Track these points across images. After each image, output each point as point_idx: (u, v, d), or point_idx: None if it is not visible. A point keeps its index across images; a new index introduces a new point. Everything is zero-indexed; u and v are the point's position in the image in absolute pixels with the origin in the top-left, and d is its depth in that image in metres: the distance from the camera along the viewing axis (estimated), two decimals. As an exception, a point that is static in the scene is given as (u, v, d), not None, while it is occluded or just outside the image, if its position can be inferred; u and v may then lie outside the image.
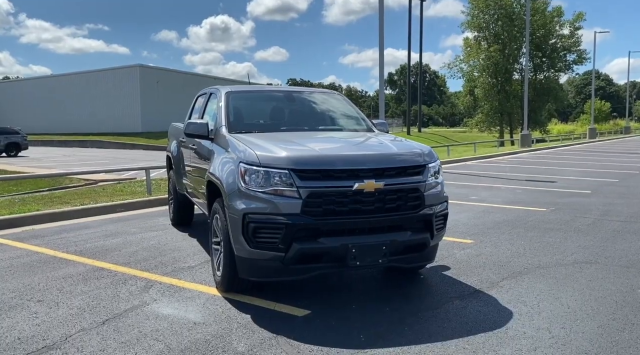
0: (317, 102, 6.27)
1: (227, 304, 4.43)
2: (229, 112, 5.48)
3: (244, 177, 4.22)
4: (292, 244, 4.06)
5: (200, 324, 4.01)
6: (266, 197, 4.10)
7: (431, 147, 4.87)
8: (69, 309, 4.33)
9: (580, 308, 4.32)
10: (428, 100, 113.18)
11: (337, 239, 4.13)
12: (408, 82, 59.07)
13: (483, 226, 7.70)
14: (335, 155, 4.35)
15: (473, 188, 12.42)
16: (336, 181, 4.14)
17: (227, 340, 3.69)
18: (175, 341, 3.68)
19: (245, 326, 3.96)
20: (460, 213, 8.83)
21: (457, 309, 4.32)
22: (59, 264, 5.73)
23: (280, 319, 4.12)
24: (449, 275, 5.24)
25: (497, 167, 18.70)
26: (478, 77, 51.21)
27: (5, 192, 12.61)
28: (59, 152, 34.02)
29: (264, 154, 4.27)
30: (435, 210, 4.51)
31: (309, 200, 4.07)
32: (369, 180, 4.17)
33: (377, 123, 5.99)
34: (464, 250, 6.24)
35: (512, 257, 5.92)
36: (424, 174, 4.47)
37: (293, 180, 4.08)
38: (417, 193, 4.40)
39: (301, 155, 4.26)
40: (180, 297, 4.61)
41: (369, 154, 4.46)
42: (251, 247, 4.14)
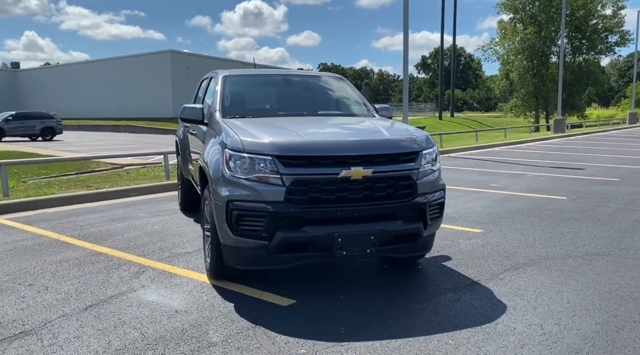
0: (318, 87, 6.10)
1: (213, 292, 4.37)
2: (224, 97, 5.38)
3: (229, 163, 4.11)
4: (275, 233, 3.95)
5: (182, 312, 3.95)
6: (249, 184, 3.99)
7: (460, 132, 4.64)
8: (56, 294, 4.34)
9: (581, 303, 4.09)
10: (463, 84, 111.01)
11: (322, 228, 4.00)
12: (440, 65, 57.99)
13: (496, 215, 7.44)
14: (321, 141, 4.20)
15: (496, 175, 12.06)
16: (322, 168, 4.00)
17: (203, 330, 3.62)
18: (151, 329, 3.63)
19: (226, 315, 3.88)
20: (475, 201, 8.57)
21: (449, 301, 4.15)
22: (60, 248, 5.77)
23: (264, 308, 4.03)
24: (448, 266, 5.05)
25: (525, 153, 18.17)
26: (513, 60, 49.85)
27: (35, 175, 12.89)
28: (92, 136, 34.72)
29: (249, 139, 4.15)
30: (430, 199, 4.33)
31: (293, 188, 3.94)
32: (356, 168, 4.01)
33: (379, 108, 5.79)
34: (470, 240, 6.02)
35: (519, 248, 5.68)
36: (417, 161, 4.28)
37: (277, 167, 3.96)
38: (409, 181, 4.22)
39: (285, 141, 4.13)
40: (169, 284, 4.57)
41: (358, 140, 4.29)
42: (235, 235, 4.04)
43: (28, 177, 12.41)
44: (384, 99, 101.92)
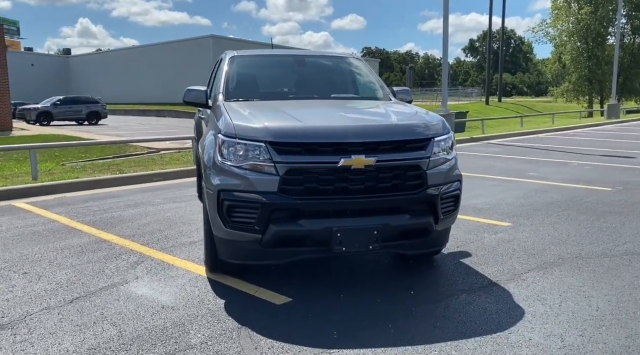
0: (332, 68, 5.71)
1: (207, 286, 4.11)
2: (229, 78, 5.07)
3: (222, 149, 3.81)
4: (269, 226, 3.63)
5: (168, 308, 3.70)
6: (241, 172, 3.68)
7: (504, 117, 4.19)
8: (47, 284, 4.17)
9: (612, 311, 3.60)
10: (512, 68, 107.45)
11: (319, 221, 3.65)
12: (488, 47, 56.10)
13: (529, 207, 6.89)
14: (320, 126, 3.84)
15: (536, 163, 11.37)
16: (320, 156, 3.64)
17: (185, 329, 3.35)
18: (131, 327, 3.39)
19: (214, 313, 3.61)
20: (509, 191, 8.01)
21: (460, 304, 3.74)
22: (66, 234, 5.65)
23: (256, 306, 3.73)
24: (466, 264, 4.62)
25: (573, 140, 17.20)
26: (566, 42, 47.56)
27: (75, 158, 13.05)
28: (136, 120, 35.34)
29: (242, 124, 3.83)
30: (442, 191, 3.91)
31: (288, 178, 3.61)
32: (358, 156, 3.63)
33: (398, 90, 5.36)
34: (496, 235, 5.55)
35: (549, 244, 5.17)
36: (427, 149, 3.87)
37: (270, 154, 3.63)
38: (417, 171, 3.81)
39: (280, 126, 3.79)
40: (164, 276, 4.34)
41: (362, 125, 3.90)
42: (227, 227, 3.75)
43: (68, 160, 12.56)
44: (429, 83, 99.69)
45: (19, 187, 8.11)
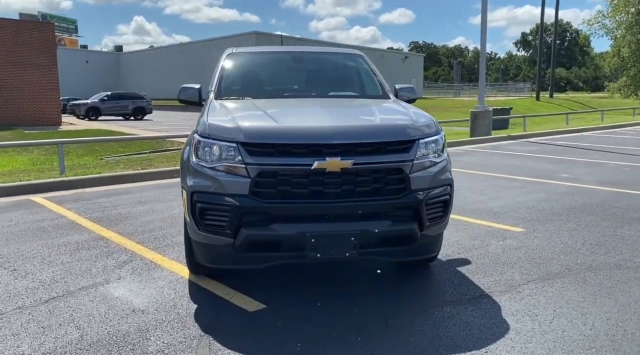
0: (333, 66, 5.50)
1: (184, 290, 4.02)
2: (223, 76, 4.96)
3: (197, 150, 3.70)
4: (240, 230, 3.50)
5: (139, 311, 3.63)
6: (213, 174, 3.56)
7: (551, 113, 3.91)
8: (30, 282, 4.19)
9: (608, 331, 3.29)
10: (567, 63, 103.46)
11: (292, 226, 3.49)
12: (540, 41, 54.09)
13: (549, 211, 6.50)
14: (295, 127, 3.66)
15: (571, 163, 10.81)
16: (293, 158, 3.47)
17: (147, 336, 3.26)
18: (95, 330, 3.33)
19: (182, 319, 3.51)
20: (532, 193, 7.61)
21: (442, 318, 3.51)
22: (69, 231, 5.71)
23: (228, 312, 3.61)
24: (462, 273, 4.36)
25: (617, 139, 16.32)
26: (624, 34, 45.25)
27: (113, 153, 13.38)
28: (181, 116, 35.97)
29: (216, 124, 3.71)
30: (427, 196, 3.67)
31: (260, 180, 3.46)
32: (333, 159, 3.44)
33: (400, 88, 5.10)
34: (504, 241, 5.23)
35: (559, 254, 4.83)
36: (410, 151, 3.63)
37: (241, 155, 3.49)
38: (399, 174, 3.59)
39: (253, 126, 3.64)
40: (147, 278, 4.28)
41: (339, 126, 3.69)
42: (200, 230, 3.64)
43: (106, 155, 12.87)
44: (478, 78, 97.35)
45: (41, 182, 8.30)
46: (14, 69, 26.09)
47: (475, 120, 16.75)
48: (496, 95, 59.91)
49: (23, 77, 26.39)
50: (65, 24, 76.21)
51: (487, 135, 16.52)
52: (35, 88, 26.64)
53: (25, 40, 26.46)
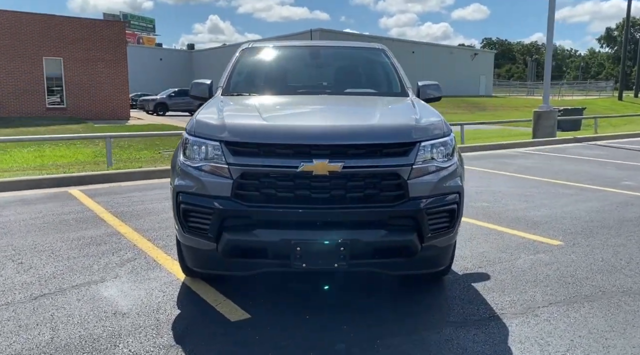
0: (351, 61, 5.17)
1: (174, 293, 3.86)
2: (234, 71, 4.76)
3: (185, 148, 3.52)
4: (222, 234, 3.28)
5: (120, 314, 3.49)
6: (197, 174, 3.35)
7: (628, 114, 3.50)
8: (30, 276, 4.17)
9: (630, 371, 2.81)
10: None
11: (277, 233, 3.22)
12: (625, 36, 50.83)
13: (599, 223, 5.88)
14: (282, 126, 3.39)
15: (638, 170, 9.88)
16: (279, 159, 3.21)
17: (116, 342, 3.11)
18: (68, 333, 3.21)
19: (159, 325, 3.33)
20: (583, 202, 6.95)
21: (437, 341, 3.13)
22: (88, 225, 5.72)
23: (209, 321, 3.41)
24: (477, 289, 3.94)
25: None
26: None
27: (172, 147, 13.66)
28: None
29: (203, 121, 3.51)
30: (428, 205, 3.30)
31: (243, 182, 3.22)
32: (320, 161, 3.15)
33: (423, 85, 4.71)
34: (535, 256, 4.73)
35: (596, 273, 4.29)
36: (410, 155, 3.28)
37: (224, 155, 3.27)
38: (396, 180, 3.25)
39: (238, 124, 3.40)
40: (143, 278, 4.16)
41: (330, 125, 3.37)
42: (185, 233, 3.46)
43: (165, 149, 13.14)
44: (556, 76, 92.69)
45: (83, 175, 8.49)
46: (87, 66, 27.35)
47: (538, 120, 15.80)
48: (573, 95, 56.90)
49: (94, 73, 27.62)
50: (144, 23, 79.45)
51: (551, 136, 15.53)
52: (106, 84, 27.81)
53: (98, 37, 27.67)
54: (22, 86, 26.03)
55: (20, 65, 25.92)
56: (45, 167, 10.56)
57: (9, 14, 25.72)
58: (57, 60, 26.92)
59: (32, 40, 26.00)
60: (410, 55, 49.11)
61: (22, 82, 26.04)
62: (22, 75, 26.00)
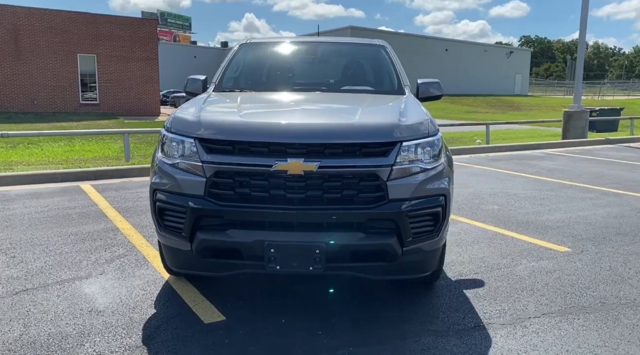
0: (349, 57, 5.00)
1: (155, 291, 3.80)
2: (228, 68, 4.68)
3: (163, 144, 3.46)
4: (196, 233, 3.20)
5: (95, 312, 3.45)
6: (172, 171, 3.28)
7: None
8: (18, 271, 4.18)
9: (616, 391, 2.61)
10: None
11: (250, 233, 3.12)
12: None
13: (614, 229, 5.58)
14: (257, 123, 3.27)
15: (670, 173, 9.41)
16: (253, 158, 3.10)
17: (84, 341, 3.06)
18: (39, 330, 3.18)
19: (131, 325, 3.27)
20: (602, 207, 6.62)
21: (413, 351, 2.97)
22: (89, 220, 5.74)
23: (182, 322, 3.33)
24: (468, 296, 3.76)
25: None
26: None
27: None
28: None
29: (180, 117, 3.43)
30: (411, 207, 3.14)
31: (216, 180, 3.13)
32: (295, 160, 3.04)
33: (422, 83, 4.54)
34: (538, 262, 4.50)
35: (600, 282, 4.05)
36: (389, 155, 3.12)
37: (198, 152, 3.19)
38: (374, 181, 3.10)
39: (212, 121, 3.31)
40: (128, 275, 4.12)
41: (307, 124, 3.24)
42: (161, 231, 3.39)
43: None
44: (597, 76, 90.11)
45: (98, 170, 8.59)
46: (120, 62, 27.88)
47: (568, 121, 15.28)
48: (615, 94, 55.14)
49: (127, 70, 28.13)
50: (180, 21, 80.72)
51: (581, 137, 15.00)
52: (137, 80, 28.29)
53: (131, 35, 28.17)
54: (58, 82, 26.72)
55: (56, 61, 26.61)
56: (70, 161, 10.75)
57: (45, 12, 26.42)
58: (91, 56, 27.53)
59: (67, 38, 26.65)
60: (443, 53, 48.44)
61: (58, 78, 26.73)
62: (57, 71, 26.69)
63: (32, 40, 26.00)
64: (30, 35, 25.96)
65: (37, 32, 26.05)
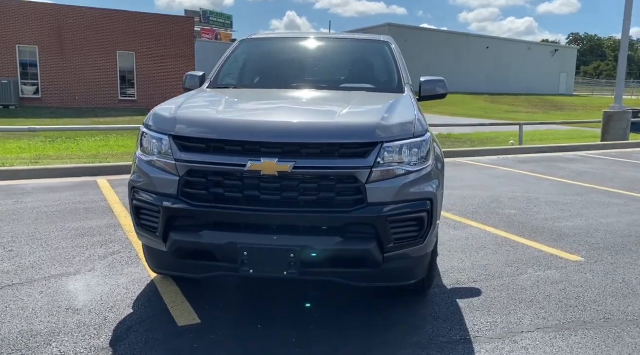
0: (351, 54, 4.82)
1: (139, 290, 3.74)
2: (225, 63, 4.58)
3: (141, 141, 3.38)
4: (169, 234, 3.11)
5: (72, 310, 3.40)
6: (147, 169, 3.20)
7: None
8: (10, 265, 4.19)
9: None
10: None
11: (222, 235, 3.01)
12: None
13: (636, 238, 5.22)
14: (233, 120, 3.15)
15: None
16: (227, 157, 2.99)
17: (51, 340, 3.00)
18: (9, 327, 3.14)
19: (104, 325, 3.21)
20: (628, 215, 6.24)
21: (387, 365, 2.81)
22: (95, 215, 5.76)
23: (157, 323, 3.24)
24: (460, 306, 3.54)
25: None
26: None
27: None
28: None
29: (158, 113, 3.35)
30: (392, 211, 2.96)
31: (190, 179, 3.03)
32: (268, 159, 2.90)
33: (426, 80, 4.33)
34: (544, 271, 4.23)
35: (608, 295, 3.76)
36: (369, 156, 2.95)
37: (172, 149, 3.09)
38: (352, 183, 2.94)
39: (186, 117, 3.20)
40: (116, 272, 4.07)
41: (284, 122, 3.09)
42: (138, 230, 3.33)
43: None
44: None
45: (115, 165, 8.67)
46: (157, 59, 28.39)
47: (608, 122, 14.61)
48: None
49: (163, 67, 28.59)
50: (222, 19, 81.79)
51: (621, 139, 14.32)
52: (173, 77, 28.68)
53: (168, 33, 28.63)
54: (97, 78, 27.40)
55: (96, 58, 27.28)
56: (99, 155, 10.97)
57: (86, 10, 27.12)
58: (130, 54, 28.11)
59: (107, 35, 27.28)
60: (484, 50, 47.37)
61: (98, 74, 27.41)
62: (97, 68, 27.37)
63: (74, 38, 26.74)
64: (73, 32, 26.70)
65: (79, 29, 26.77)
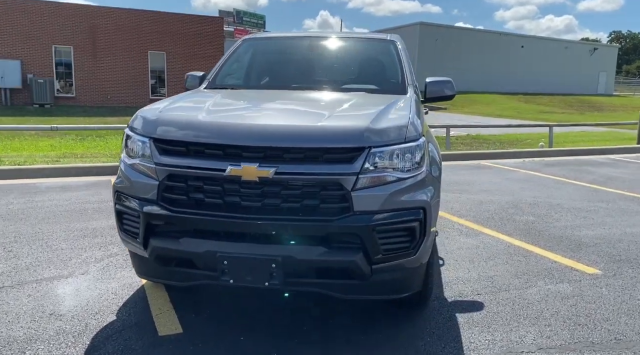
0: (354, 54, 4.62)
1: (127, 296, 3.64)
2: (225, 64, 4.46)
3: (126, 143, 3.28)
4: (149, 240, 3.00)
5: (55, 316, 3.33)
6: (129, 173, 3.10)
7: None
8: (6, 266, 4.15)
9: None
10: None
11: (202, 243, 2.87)
12: None
13: (662, 249, 4.89)
14: (214, 123, 2.99)
15: None
16: (207, 161, 2.85)
17: (26, 348, 2.93)
18: (-8, 331, 3.12)
19: (84, 332, 3.11)
20: (656, 222, 5.87)
21: (370, 385, 2.63)
22: (101, 216, 5.73)
23: (138, 332, 3.14)
24: (458, 321, 3.32)
25: None
26: None
27: None
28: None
29: (142, 115, 3.22)
30: (379, 221, 2.78)
31: (170, 184, 2.91)
32: (249, 165, 2.76)
33: (431, 82, 4.13)
34: (556, 285, 3.97)
35: (623, 314, 3.49)
36: (356, 162, 2.77)
37: (152, 153, 2.98)
38: (338, 190, 2.76)
39: (168, 120, 3.07)
40: (109, 277, 4.00)
41: (264, 125, 2.92)
42: (121, 235, 3.23)
43: None
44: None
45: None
46: (187, 59, 28.65)
47: (645, 123, 13.98)
48: None
49: (194, 66, 28.77)
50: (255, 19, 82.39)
51: (659, 142, 13.68)
52: (203, 77, 28.94)
53: (197, 33, 28.89)
54: (129, 77, 27.82)
55: (129, 58, 27.71)
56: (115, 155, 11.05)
57: (118, 11, 27.57)
58: (160, 54, 28.46)
59: (138, 35, 27.68)
60: (519, 50, 46.28)
61: (130, 74, 27.83)
62: (129, 68, 27.79)
63: (107, 39, 27.20)
64: (106, 33, 27.16)
65: (111, 30, 27.23)
